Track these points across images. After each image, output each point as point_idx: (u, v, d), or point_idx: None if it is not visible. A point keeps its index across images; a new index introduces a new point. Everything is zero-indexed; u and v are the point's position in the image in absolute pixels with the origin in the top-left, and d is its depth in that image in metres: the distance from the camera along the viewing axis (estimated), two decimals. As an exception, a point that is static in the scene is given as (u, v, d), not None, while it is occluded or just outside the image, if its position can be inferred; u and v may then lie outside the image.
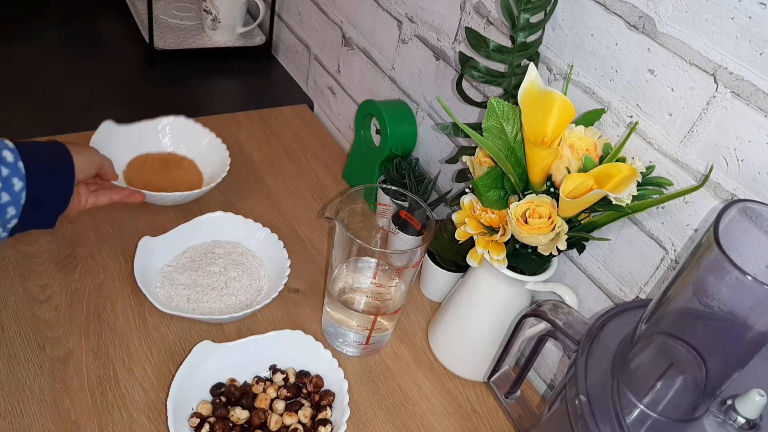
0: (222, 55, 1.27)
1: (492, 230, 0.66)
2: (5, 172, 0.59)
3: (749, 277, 0.36)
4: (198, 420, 0.65)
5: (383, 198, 0.85)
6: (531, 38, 0.66)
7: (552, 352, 0.80)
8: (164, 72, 1.18)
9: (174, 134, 0.96)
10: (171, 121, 0.96)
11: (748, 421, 0.43)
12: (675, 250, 0.62)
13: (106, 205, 0.76)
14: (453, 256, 0.82)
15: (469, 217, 0.67)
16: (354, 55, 1.07)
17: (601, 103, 0.66)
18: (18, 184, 0.60)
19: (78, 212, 0.72)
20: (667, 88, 0.59)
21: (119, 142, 0.90)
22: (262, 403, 0.68)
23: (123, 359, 0.72)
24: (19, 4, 1.28)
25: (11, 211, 0.61)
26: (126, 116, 0.93)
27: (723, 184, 0.56)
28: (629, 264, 0.67)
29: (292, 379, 0.71)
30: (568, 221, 0.61)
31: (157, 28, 1.23)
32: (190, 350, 0.68)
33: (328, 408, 0.68)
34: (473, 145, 0.73)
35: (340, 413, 0.67)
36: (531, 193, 0.62)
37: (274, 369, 0.72)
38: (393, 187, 0.79)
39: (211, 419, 0.65)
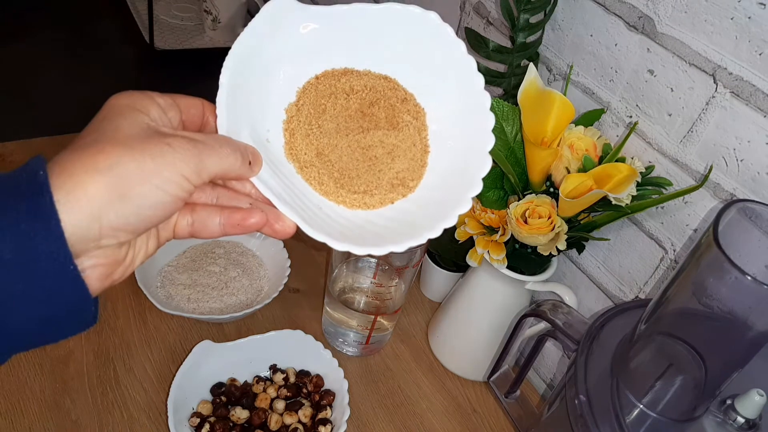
0: (222, 56, 1.27)
1: (492, 230, 0.66)
2: None
3: (749, 277, 0.36)
4: (198, 420, 0.65)
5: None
6: (531, 39, 0.66)
7: (552, 351, 0.80)
8: (164, 72, 1.19)
9: (402, 42, 0.42)
10: (409, 16, 0.41)
11: (747, 420, 0.43)
12: (674, 250, 0.62)
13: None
14: (453, 256, 0.82)
15: (468, 217, 0.67)
16: (354, 55, 1.07)
17: (600, 104, 0.66)
18: None
19: (156, 251, 0.37)
20: (666, 89, 0.59)
21: (296, 43, 0.41)
22: (262, 402, 0.68)
23: (123, 359, 0.72)
24: (19, 4, 1.29)
25: None
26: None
27: (722, 184, 0.56)
28: (629, 264, 0.67)
29: (292, 379, 0.71)
30: (568, 221, 0.61)
31: (157, 29, 1.23)
32: (191, 350, 0.68)
33: (328, 408, 0.68)
34: (473, 145, 0.73)
35: (340, 413, 0.67)
36: (531, 193, 0.62)
37: (274, 369, 0.72)
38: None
39: (212, 419, 0.65)
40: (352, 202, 0.40)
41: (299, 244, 0.91)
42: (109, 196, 0.29)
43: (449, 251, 0.81)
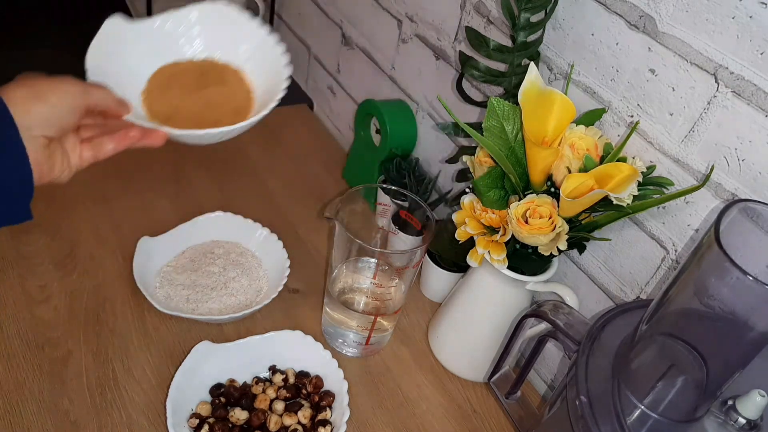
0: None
1: (492, 230, 0.66)
2: None
3: (750, 278, 0.35)
4: (197, 421, 0.65)
5: (383, 198, 0.84)
6: (531, 37, 0.66)
7: (552, 352, 0.80)
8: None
9: (209, 31, 0.64)
10: (205, 12, 0.64)
11: (748, 421, 0.43)
12: (676, 251, 0.62)
13: (111, 156, 0.54)
14: (453, 257, 0.81)
15: (469, 217, 0.67)
16: (354, 54, 1.07)
17: (601, 103, 0.65)
18: None
19: (71, 174, 0.52)
20: (668, 88, 0.59)
21: (134, 49, 0.60)
22: (261, 403, 0.67)
23: (122, 360, 0.72)
24: (19, 5, 1.29)
25: None
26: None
27: (724, 184, 0.56)
28: (630, 264, 0.67)
29: (291, 380, 0.71)
30: (569, 221, 0.61)
31: (156, 28, 1.23)
32: (190, 351, 0.68)
33: (327, 409, 0.68)
34: (473, 145, 0.73)
35: (339, 414, 0.67)
36: (531, 193, 0.61)
37: (273, 369, 0.71)
38: (393, 187, 0.78)
39: (211, 420, 0.65)
40: (207, 129, 0.54)
41: (299, 244, 0.90)
42: (30, 98, 0.46)
43: (449, 251, 0.80)
